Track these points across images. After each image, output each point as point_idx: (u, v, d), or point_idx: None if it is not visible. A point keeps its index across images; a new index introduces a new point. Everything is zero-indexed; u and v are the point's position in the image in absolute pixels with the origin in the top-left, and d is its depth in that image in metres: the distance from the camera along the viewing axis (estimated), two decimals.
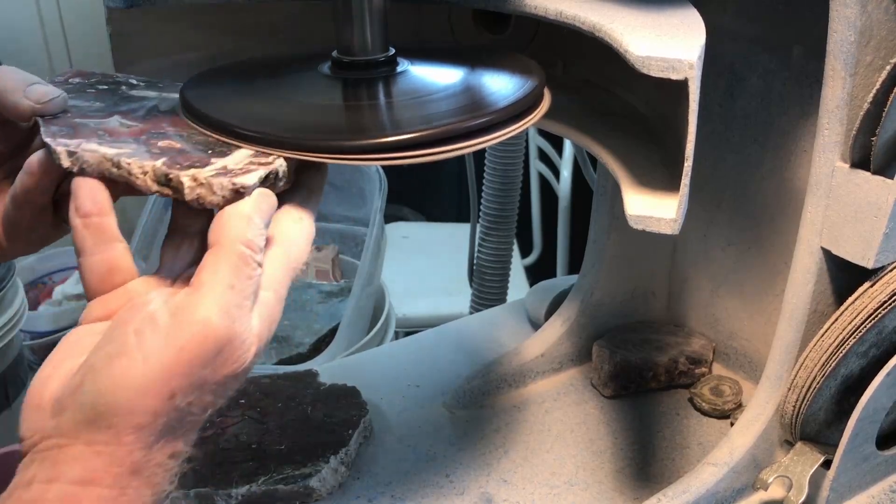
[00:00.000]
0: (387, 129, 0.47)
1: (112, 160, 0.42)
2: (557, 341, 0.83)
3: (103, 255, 0.42)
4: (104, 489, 0.37)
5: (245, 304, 0.39)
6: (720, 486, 0.63)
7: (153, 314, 0.38)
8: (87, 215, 0.41)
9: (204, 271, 0.39)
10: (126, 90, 0.52)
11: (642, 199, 0.49)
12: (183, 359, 0.37)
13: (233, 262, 0.39)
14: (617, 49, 0.46)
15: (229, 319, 0.38)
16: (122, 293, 0.42)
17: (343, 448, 0.70)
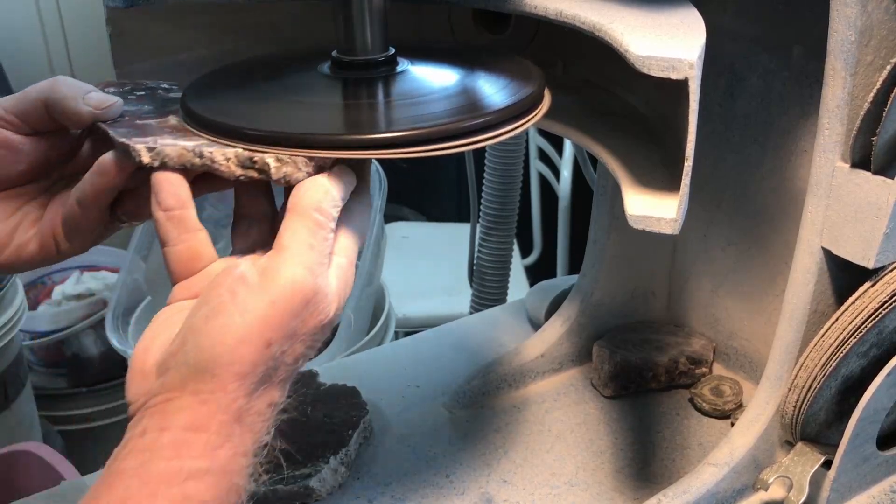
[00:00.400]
0: (385, 126, 0.47)
1: (193, 151, 0.44)
2: (557, 341, 0.83)
3: (187, 244, 0.45)
4: (212, 435, 0.40)
5: (324, 261, 0.43)
6: (720, 487, 0.63)
7: (243, 275, 0.42)
8: (169, 209, 0.45)
9: (285, 234, 0.42)
10: (164, 94, 0.54)
11: (642, 199, 0.49)
12: (276, 311, 0.41)
13: (309, 226, 0.43)
14: (617, 49, 0.46)
15: (312, 275, 0.42)
16: (203, 276, 0.45)
17: (343, 448, 0.70)
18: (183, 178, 0.45)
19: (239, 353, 0.40)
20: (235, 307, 0.41)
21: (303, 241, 0.42)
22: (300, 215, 0.43)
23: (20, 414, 1.49)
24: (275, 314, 0.41)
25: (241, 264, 0.43)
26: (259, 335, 0.41)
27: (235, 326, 0.40)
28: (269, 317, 0.41)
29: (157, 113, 0.50)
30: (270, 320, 0.41)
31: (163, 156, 0.44)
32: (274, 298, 0.41)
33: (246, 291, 0.41)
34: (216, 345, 0.40)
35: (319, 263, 0.42)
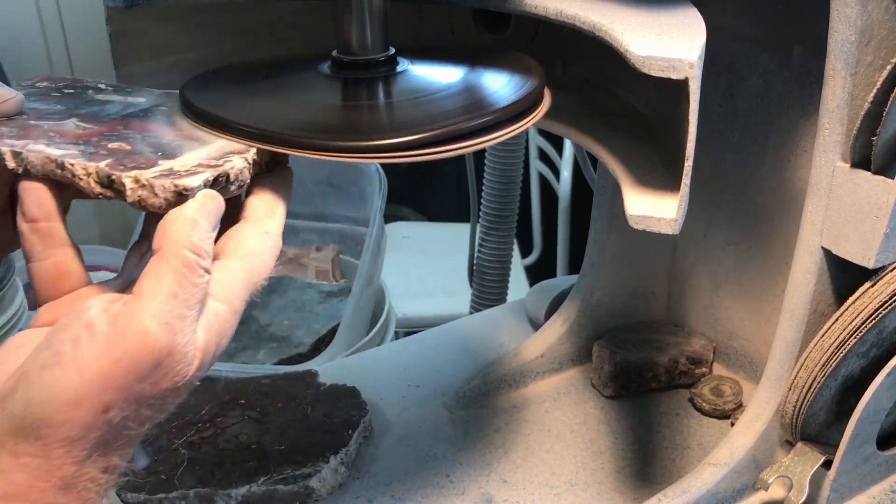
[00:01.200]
0: (386, 129, 0.47)
1: (56, 161, 0.41)
2: (557, 341, 0.83)
3: (52, 260, 0.41)
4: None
5: (188, 313, 0.37)
6: (720, 487, 0.63)
7: (91, 322, 0.36)
8: (34, 220, 0.41)
9: (146, 278, 0.37)
10: (92, 94, 0.52)
11: (642, 199, 0.49)
12: (118, 371, 0.35)
13: (176, 269, 0.37)
14: (617, 49, 0.46)
15: (169, 331, 0.36)
16: (72, 299, 0.41)
17: (343, 448, 0.70)
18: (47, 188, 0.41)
19: (70, 416, 0.35)
20: (73, 361, 0.35)
21: (164, 287, 0.36)
22: (165, 254, 0.37)
23: None
24: (117, 375, 0.35)
25: (93, 306, 0.37)
26: (96, 398, 0.35)
27: (70, 384, 0.35)
28: (110, 378, 0.35)
29: (62, 115, 0.48)
30: (111, 382, 0.35)
31: (26, 162, 0.42)
32: (118, 356, 0.35)
33: (89, 343, 0.36)
34: (46, 401, 0.35)
35: (181, 316, 0.36)
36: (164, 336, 0.36)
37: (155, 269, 0.37)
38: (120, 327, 0.36)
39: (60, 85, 0.53)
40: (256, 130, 0.44)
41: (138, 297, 0.36)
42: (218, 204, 0.40)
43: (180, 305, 0.37)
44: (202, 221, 0.38)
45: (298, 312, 1.42)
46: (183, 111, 0.48)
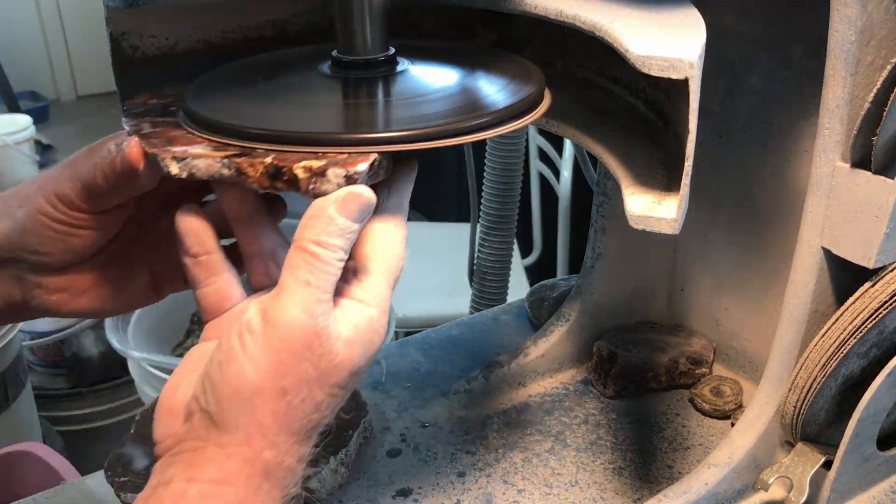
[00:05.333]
0: (381, 126, 0.47)
1: (222, 161, 0.43)
2: (557, 341, 0.83)
3: (213, 287, 0.46)
4: (239, 489, 0.40)
5: (324, 297, 0.41)
6: (721, 487, 0.63)
7: (249, 321, 0.41)
8: (195, 255, 0.46)
9: (284, 271, 0.41)
10: None
11: (643, 199, 0.49)
12: (282, 357, 0.40)
13: (307, 260, 0.40)
14: (617, 49, 0.46)
15: (310, 316, 0.40)
16: (231, 315, 0.46)
17: (343, 448, 0.70)
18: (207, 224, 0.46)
19: (256, 405, 0.40)
20: (245, 356, 0.40)
21: (300, 277, 0.40)
22: (298, 248, 0.41)
23: (20, 414, 1.49)
24: (281, 361, 0.40)
25: (249, 308, 0.42)
26: (272, 383, 0.40)
27: (248, 376, 0.40)
28: (278, 364, 0.40)
29: None
30: (279, 368, 0.40)
31: (191, 167, 0.44)
32: (276, 344, 0.40)
33: (251, 339, 0.40)
34: (232, 396, 0.40)
35: (318, 301, 0.40)
36: (307, 320, 0.40)
37: (289, 263, 0.41)
38: (271, 319, 0.40)
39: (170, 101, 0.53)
40: (256, 132, 0.44)
41: (279, 291, 0.41)
42: (363, 199, 0.42)
43: (315, 292, 0.40)
44: (339, 217, 0.41)
45: None
46: (184, 120, 0.48)
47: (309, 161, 0.42)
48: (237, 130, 0.45)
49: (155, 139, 0.47)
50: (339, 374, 0.42)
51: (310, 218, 0.41)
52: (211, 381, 0.41)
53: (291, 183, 0.42)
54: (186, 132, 0.47)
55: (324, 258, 0.41)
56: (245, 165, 0.43)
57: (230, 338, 0.41)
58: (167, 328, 1.60)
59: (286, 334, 0.40)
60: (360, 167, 0.42)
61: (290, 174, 0.42)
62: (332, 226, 0.41)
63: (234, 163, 0.43)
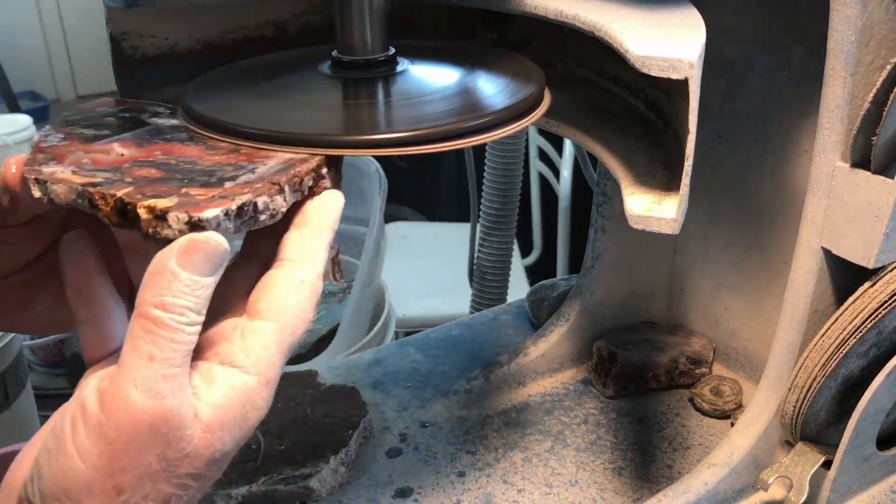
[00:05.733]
0: (383, 127, 0.47)
1: (77, 189, 0.39)
2: (557, 341, 0.83)
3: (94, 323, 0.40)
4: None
5: (173, 372, 0.34)
6: (721, 487, 0.63)
7: (84, 402, 0.35)
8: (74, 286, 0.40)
9: (125, 345, 0.35)
10: (147, 118, 0.50)
11: (642, 199, 0.49)
12: (117, 450, 0.34)
13: (147, 329, 0.34)
14: (617, 49, 0.46)
15: (155, 396, 0.34)
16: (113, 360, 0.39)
17: (343, 448, 0.70)
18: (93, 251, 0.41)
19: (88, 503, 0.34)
20: (74, 448, 0.34)
21: (141, 350, 0.34)
22: (139, 315, 0.35)
23: (20, 414, 1.49)
24: (117, 455, 0.34)
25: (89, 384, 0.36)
26: (105, 482, 0.34)
27: (77, 473, 0.34)
28: (112, 460, 0.34)
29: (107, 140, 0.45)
30: (114, 463, 0.34)
31: (50, 191, 0.39)
32: (111, 436, 0.34)
33: (84, 426, 0.34)
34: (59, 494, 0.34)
35: (164, 378, 0.34)
36: (149, 402, 0.34)
37: (130, 333, 0.35)
38: (107, 405, 0.34)
39: (118, 109, 0.51)
40: (254, 132, 0.44)
41: (119, 368, 0.35)
42: (209, 248, 0.35)
43: (161, 367, 0.34)
44: (183, 273, 0.35)
45: None
46: (184, 118, 0.48)
47: (156, 200, 0.37)
48: (235, 129, 0.45)
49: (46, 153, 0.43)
50: (193, 464, 0.35)
51: (150, 276, 0.35)
52: (39, 473, 0.35)
53: (135, 223, 0.37)
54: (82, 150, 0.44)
55: (168, 324, 0.34)
56: (97, 197, 0.38)
57: (63, 421, 0.35)
58: None
59: (122, 422, 0.34)
60: (208, 213, 0.36)
61: (134, 213, 0.37)
62: (176, 283, 0.35)
63: (87, 193, 0.38)
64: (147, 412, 0.34)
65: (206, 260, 0.35)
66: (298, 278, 0.38)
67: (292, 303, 0.37)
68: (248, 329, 0.37)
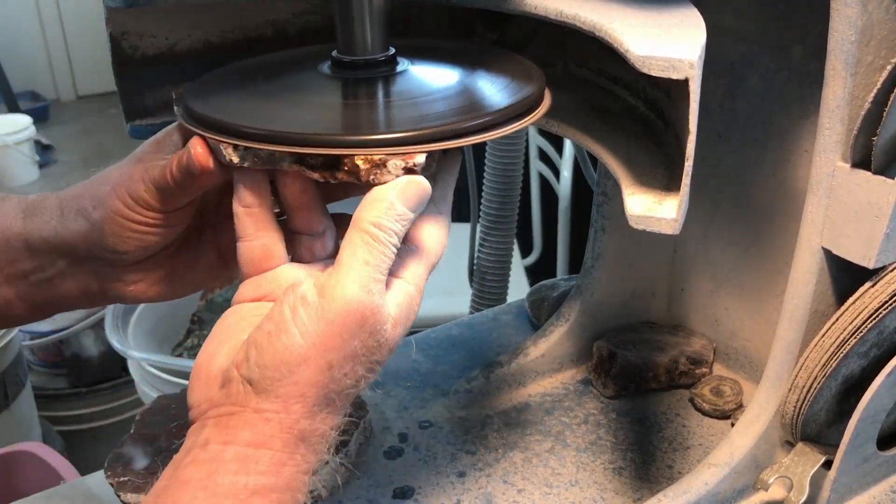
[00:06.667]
0: (382, 127, 0.47)
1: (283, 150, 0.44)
2: (557, 341, 0.83)
3: (260, 242, 0.46)
4: (276, 452, 0.41)
5: (380, 277, 0.42)
6: (721, 487, 0.63)
7: (304, 294, 0.42)
8: (248, 205, 0.46)
9: (343, 250, 0.42)
10: None
11: (643, 199, 0.49)
12: (334, 331, 0.41)
13: (366, 241, 0.42)
14: (617, 49, 0.46)
15: (367, 293, 0.42)
16: (272, 276, 0.47)
17: (343, 448, 0.70)
18: (265, 176, 0.46)
19: (301, 375, 0.41)
20: (297, 327, 0.41)
21: (359, 256, 0.42)
22: (358, 230, 0.43)
23: (20, 414, 1.49)
24: (333, 335, 0.41)
25: (305, 282, 0.43)
26: (320, 357, 0.41)
27: (296, 348, 0.41)
28: (329, 338, 0.41)
29: None
30: (329, 342, 0.41)
31: (253, 154, 0.44)
32: (332, 318, 0.41)
33: (305, 311, 0.42)
34: (279, 364, 0.41)
35: (375, 280, 0.42)
36: (365, 297, 0.41)
37: (349, 243, 0.42)
38: (329, 294, 0.41)
39: None
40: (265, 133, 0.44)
41: (339, 267, 0.42)
42: (419, 189, 0.44)
43: (373, 271, 0.42)
44: (398, 204, 0.43)
45: None
46: (185, 119, 0.48)
47: (369, 151, 0.43)
48: (235, 130, 0.45)
49: None
50: (381, 352, 0.43)
51: (371, 202, 0.43)
52: (258, 349, 0.42)
53: (352, 173, 0.43)
54: None
55: (382, 240, 0.42)
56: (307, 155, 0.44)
57: (282, 308, 0.42)
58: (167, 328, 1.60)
59: (342, 309, 0.41)
60: (419, 158, 0.43)
61: (352, 164, 0.43)
62: (392, 211, 0.43)
63: (296, 152, 0.44)
64: (362, 304, 0.41)
65: (417, 198, 0.44)
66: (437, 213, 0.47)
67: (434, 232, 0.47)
68: (408, 253, 0.45)
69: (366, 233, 0.42)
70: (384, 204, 0.43)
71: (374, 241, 0.42)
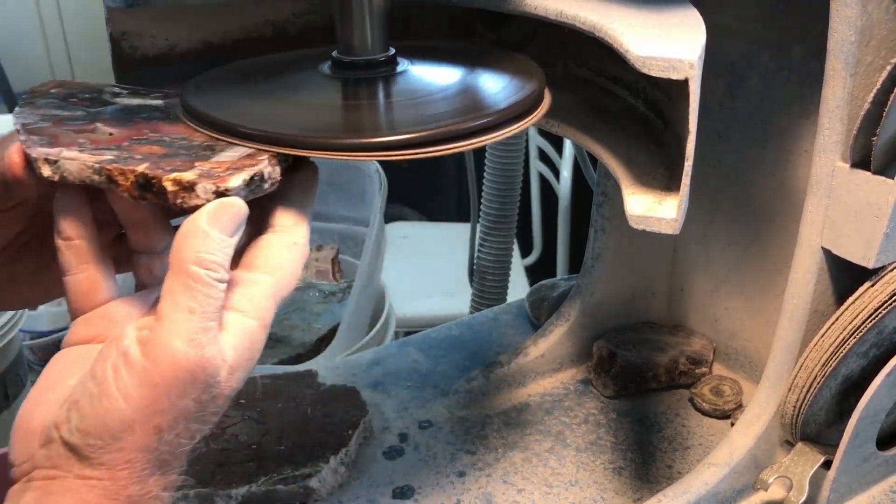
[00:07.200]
0: (384, 128, 0.47)
1: (93, 167, 0.41)
2: (557, 341, 0.83)
3: (84, 275, 0.43)
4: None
5: (209, 325, 0.38)
6: (721, 487, 0.63)
7: (126, 350, 0.38)
8: (68, 237, 0.43)
9: (164, 299, 0.38)
10: (109, 98, 0.51)
11: (643, 199, 0.49)
12: (160, 394, 0.38)
13: (187, 285, 0.38)
14: (617, 49, 0.46)
15: (195, 347, 0.38)
16: (102, 313, 0.43)
17: (343, 448, 0.70)
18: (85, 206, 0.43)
19: (126, 442, 0.38)
20: (118, 391, 0.38)
21: (181, 305, 0.38)
22: (176, 272, 0.38)
23: None
24: (160, 398, 0.38)
25: (128, 335, 0.39)
26: (146, 421, 0.38)
27: (119, 413, 0.37)
28: (154, 401, 0.38)
29: (85, 121, 0.47)
30: (156, 405, 0.38)
31: (62, 170, 0.42)
32: (156, 382, 0.38)
33: (128, 373, 0.38)
34: (101, 433, 0.38)
35: (203, 330, 0.38)
36: (192, 352, 0.38)
37: (169, 289, 0.38)
38: (152, 354, 0.38)
39: (75, 90, 0.52)
40: (254, 133, 0.44)
41: (161, 321, 0.38)
42: (234, 211, 0.40)
43: (199, 319, 0.38)
44: (214, 232, 0.39)
45: (298, 312, 1.42)
46: (185, 116, 0.48)
47: (180, 174, 0.40)
48: (233, 129, 0.45)
49: (38, 135, 0.45)
50: (218, 403, 0.40)
51: (183, 237, 0.39)
52: (79, 412, 0.38)
53: (160, 195, 0.40)
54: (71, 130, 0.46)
55: (205, 280, 0.38)
56: (116, 173, 0.41)
57: (104, 367, 0.38)
58: None
59: (168, 370, 0.37)
60: (233, 183, 0.40)
61: (159, 186, 0.40)
62: (208, 242, 0.38)
63: (105, 170, 0.41)
64: (189, 361, 0.38)
65: (233, 221, 0.39)
66: (291, 241, 0.43)
67: (286, 260, 0.42)
68: (249, 281, 0.41)
69: (186, 274, 0.38)
70: (199, 235, 0.38)
71: (196, 282, 0.38)
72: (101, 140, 0.45)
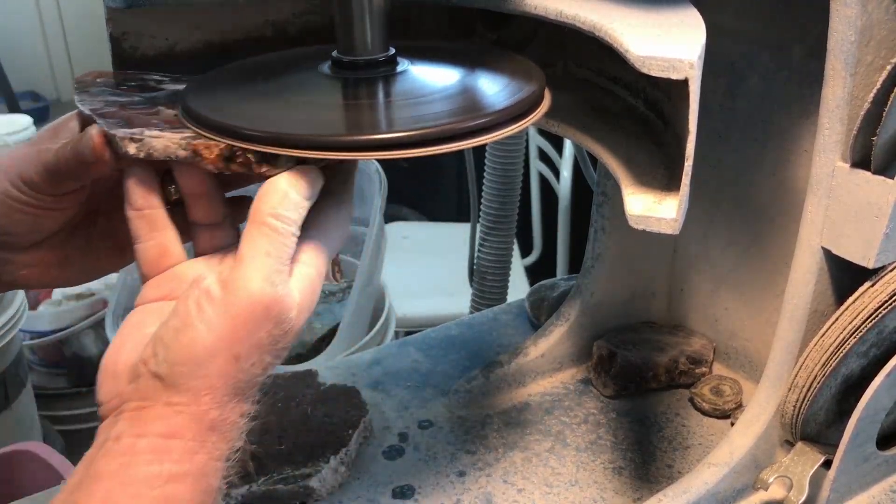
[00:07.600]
0: (384, 127, 0.47)
1: (179, 143, 0.44)
2: (557, 341, 0.83)
3: (154, 242, 0.47)
4: (188, 441, 0.42)
5: (282, 268, 0.43)
6: (721, 487, 0.63)
7: (208, 289, 0.43)
8: (139, 208, 0.47)
9: (243, 244, 0.43)
10: (154, 84, 0.54)
11: (642, 199, 0.49)
12: (239, 325, 0.42)
13: (265, 233, 0.43)
14: (617, 49, 0.46)
15: (271, 284, 0.42)
16: (171, 275, 0.47)
17: (343, 448, 0.70)
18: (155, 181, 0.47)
19: (209, 368, 0.42)
20: (202, 323, 0.42)
21: (260, 249, 0.42)
22: (256, 222, 0.43)
23: (20, 414, 1.49)
24: (239, 328, 0.42)
25: (208, 277, 0.43)
26: (227, 350, 0.42)
27: (203, 342, 0.42)
28: (234, 331, 0.42)
29: (148, 104, 0.50)
30: (235, 335, 0.42)
31: (149, 147, 0.45)
32: (236, 312, 0.42)
33: (210, 306, 0.42)
34: (186, 360, 0.42)
35: (277, 271, 0.43)
36: (269, 289, 0.42)
37: (249, 236, 0.43)
38: (233, 289, 0.42)
39: (120, 79, 0.55)
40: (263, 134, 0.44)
41: (240, 261, 0.43)
42: (311, 177, 0.45)
43: (275, 262, 0.43)
44: (292, 193, 0.44)
45: None
46: (185, 119, 0.48)
47: (260, 146, 0.44)
48: (233, 130, 0.45)
49: (111, 118, 0.47)
50: (287, 339, 0.44)
51: (266, 193, 0.43)
52: (164, 345, 0.42)
53: (245, 165, 0.44)
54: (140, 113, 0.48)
55: (280, 230, 0.43)
56: (201, 147, 0.44)
57: (187, 304, 0.43)
58: None
59: (247, 303, 0.42)
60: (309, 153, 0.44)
61: (245, 157, 0.44)
62: (287, 200, 0.43)
63: (191, 145, 0.44)
64: (266, 296, 0.42)
65: (309, 186, 0.44)
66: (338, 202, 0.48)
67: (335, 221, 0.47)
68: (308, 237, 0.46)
69: (264, 224, 0.43)
70: (278, 194, 0.43)
71: (273, 231, 0.43)
72: (172, 120, 0.48)
